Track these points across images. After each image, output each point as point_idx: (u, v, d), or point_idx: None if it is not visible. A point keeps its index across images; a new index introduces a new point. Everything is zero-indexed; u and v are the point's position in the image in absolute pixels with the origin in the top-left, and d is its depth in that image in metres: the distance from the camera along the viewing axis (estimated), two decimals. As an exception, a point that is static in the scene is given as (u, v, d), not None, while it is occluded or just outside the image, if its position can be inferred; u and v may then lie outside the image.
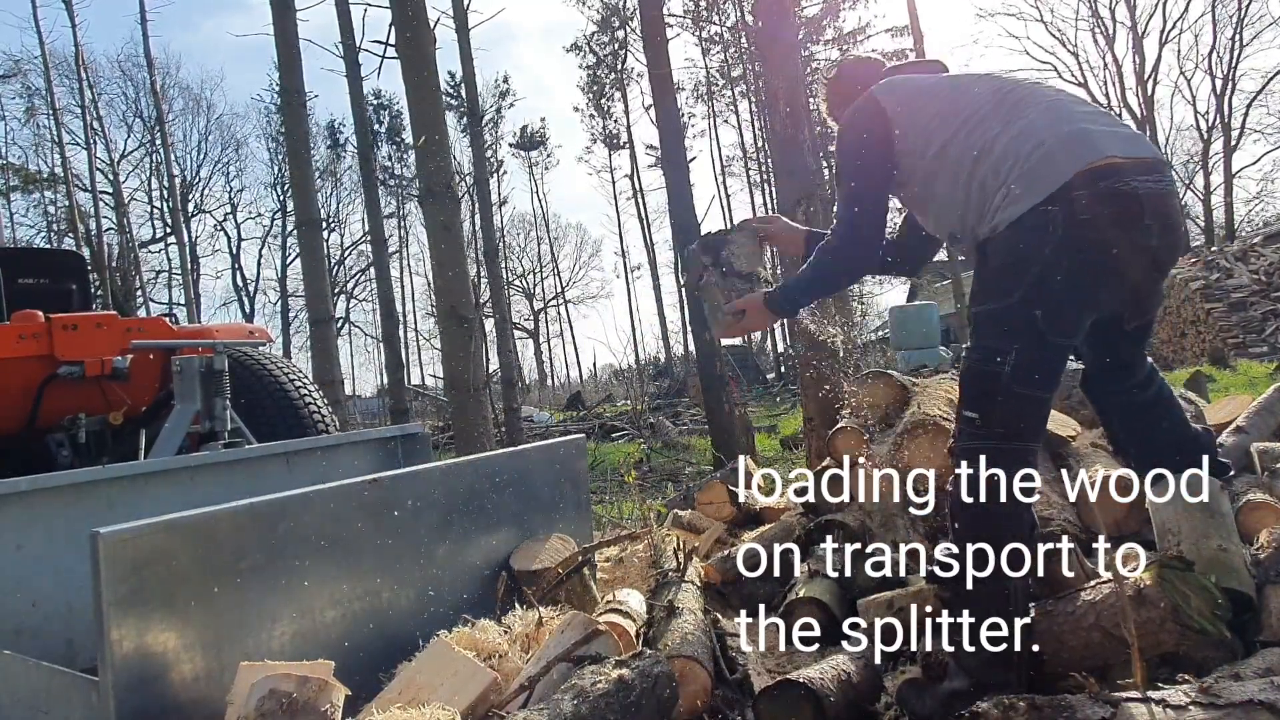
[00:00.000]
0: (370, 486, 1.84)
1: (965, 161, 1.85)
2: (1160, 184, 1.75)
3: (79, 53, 19.98)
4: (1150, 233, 1.72)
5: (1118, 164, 1.72)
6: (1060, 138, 1.77)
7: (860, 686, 1.79)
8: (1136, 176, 1.71)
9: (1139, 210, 1.70)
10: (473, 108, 12.83)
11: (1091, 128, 1.79)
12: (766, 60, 4.70)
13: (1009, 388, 1.72)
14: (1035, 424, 1.80)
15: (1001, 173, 1.78)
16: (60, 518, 2.15)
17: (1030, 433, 1.78)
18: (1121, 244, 1.71)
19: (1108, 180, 1.69)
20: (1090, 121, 1.82)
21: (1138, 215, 1.70)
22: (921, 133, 1.94)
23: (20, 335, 3.68)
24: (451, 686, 1.51)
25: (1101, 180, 1.69)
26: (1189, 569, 1.68)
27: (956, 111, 1.91)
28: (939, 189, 1.93)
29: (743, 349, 26.56)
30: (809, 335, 4.09)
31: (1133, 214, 1.70)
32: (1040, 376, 1.75)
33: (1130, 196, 1.70)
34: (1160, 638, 1.64)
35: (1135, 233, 1.71)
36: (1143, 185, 1.71)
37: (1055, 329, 1.73)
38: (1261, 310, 12.07)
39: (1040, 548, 1.73)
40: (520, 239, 36.91)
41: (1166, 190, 1.76)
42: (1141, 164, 1.74)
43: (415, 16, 5.22)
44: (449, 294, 5.22)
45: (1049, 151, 1.75)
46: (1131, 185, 1.70)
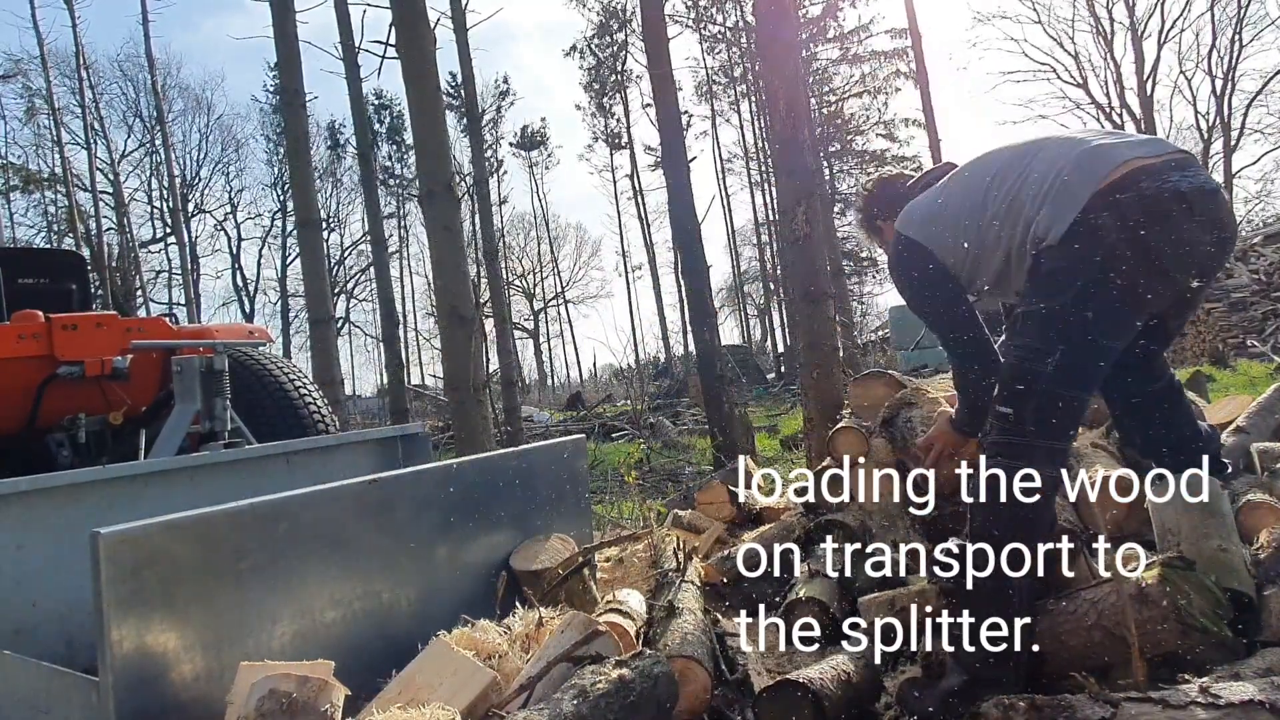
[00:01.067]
0: (370, 487, 1.84)
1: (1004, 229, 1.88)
2: (1200, 178, 1.74)
3: (80, 52, 19.99)
4: (1206, 227, 1.72)
5: (1150, 165, 1.72)
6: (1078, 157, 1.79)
7: (860, 686, 1.79)
8: (1174, 174, 1.71)
9: (1188, 206, 1.69)
10: (472, 108, 12.84)
11: (1106, 142, 1.81)
12: (766, 60, 4.69)
13: (1050, 388, 1.72)
14: (1069, 424, 1.79)
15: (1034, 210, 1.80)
16: (60, 518, 2.15)
17: (1062, 433, 1.77)
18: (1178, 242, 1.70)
19: (1148, 180, 1.69)
20: (1103, 138, 1.84)
21: (1188, 212, 1.70)
22: (957, 238, 1.99)
23: (20, 335, 3.68)
24: (451, 686, 1.51)
25: (1142, 181, 1.69)
26: (1190, 568, 1.68)
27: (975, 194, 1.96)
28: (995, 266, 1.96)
29: (743, 349, 26.58)
30: (808, 337, 4.09)
31: (1183, 211, 1.69)
32: (1083, 378, 1.75)
33: (1176, 194, 1.69)
34: (1161, 637, 1.64)
35: (1191, 228, 1.70)
36: (1184, 181, 1.71)
37: (1106, 332, 1.72)
38: (1261, 310, 12.07)
39: (1042, 547, 1.72)
40: (520, 239, 36.92)
41: (1209, 185, 1.75)
42: (1173, 161, 1.74)
43: (415, 16, 5.21)
44: (449, 294, 5.22)
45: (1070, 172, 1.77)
46: (1173, 181, 1.70)
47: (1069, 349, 1.71)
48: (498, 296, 13.37)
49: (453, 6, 11.47)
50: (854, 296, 28.96)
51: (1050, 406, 1.73)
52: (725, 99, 31.35)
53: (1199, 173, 1.75)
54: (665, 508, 4.13)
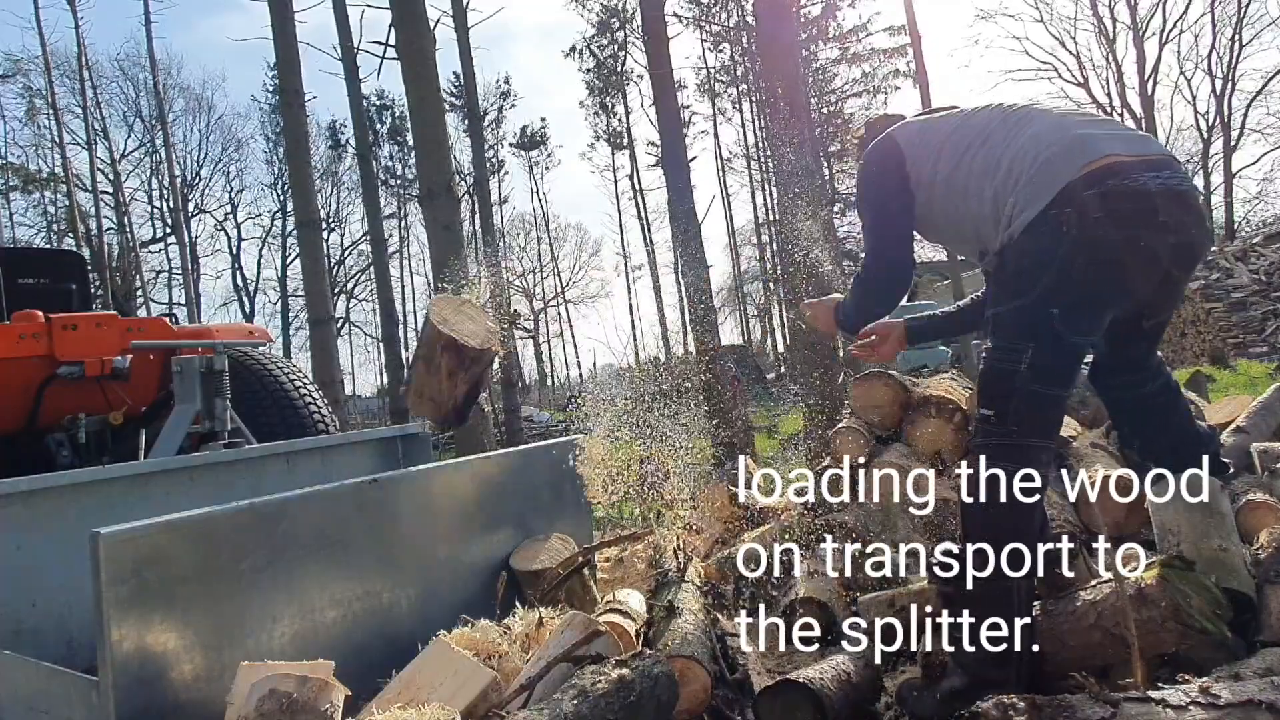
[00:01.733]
0: (370, 487, 1.84)
1: (975, 181, 1.88)
2: (1173, 180, 1.74)
3: (82, 52, 19.97)
4: (1167, 229, 1.72)
5: (1124, 162, 1.72)
6: (1062, 144, 1.78)
7: (860, 686, 1.79)
8: (1144, 173, 1.72)
9: (1152, 207, 1.70)
10: (473, 107, 12.84)
11: (1093, 132, 1.80)
12: (766, 59, 4.70)
13: (1026, 386, 1.73)
14: (1050, 423, 1.81)
15: (1009, 186, 1.81)
16: (60, 518, 2.15)
17: (1044, 431, 1.79)
18: (1137, 241, 1.71)
19: (1116, 178, 1.70)
20: (1092, 127, 1.84)
21: (1151, 212, 1.70)
22: (931, 160, 1.98)
23: (20, 335, 3.68)
24: (451, 686, 1.51)
25: (1110, 178, 1.70)
26: (1190, 568, 1.68)
27: (963, 137, 1.95)
28: (953, 213, 1.96)
29: (743, 348, 26.58)
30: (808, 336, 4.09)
31: (1146, 211, 1.70)
32: (1057, 375, 1.76)
33: (1141, 193, 1.70)
34: (1161, 637, 1.64)
35: (1150, 230, 1.71)
36: (1153, 181, 1.72)
37: (1073, 328, 1.74)
38: (1261, 310, 12.07)
39: (1042, 547, 1.73)
40: (520, 239, 36.90)
41: (1180, 186, 1.75)
42: (1148, 161, 1.75)
43: (415, 17, 5.22)
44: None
45: (1050, 158, 1.77)
46: (1141, 181, 1.71)
47: (1039, 347, 1.73)
48: (498, 296, 13.36)
49: (454, 6, 11.47)
50: (854, 297, 28.84)
51: (1030, 405, 1.75)
52: (726, 98, 31.36)
53: (1174, 175, 1.76)
54: (665, 508, 4.13)
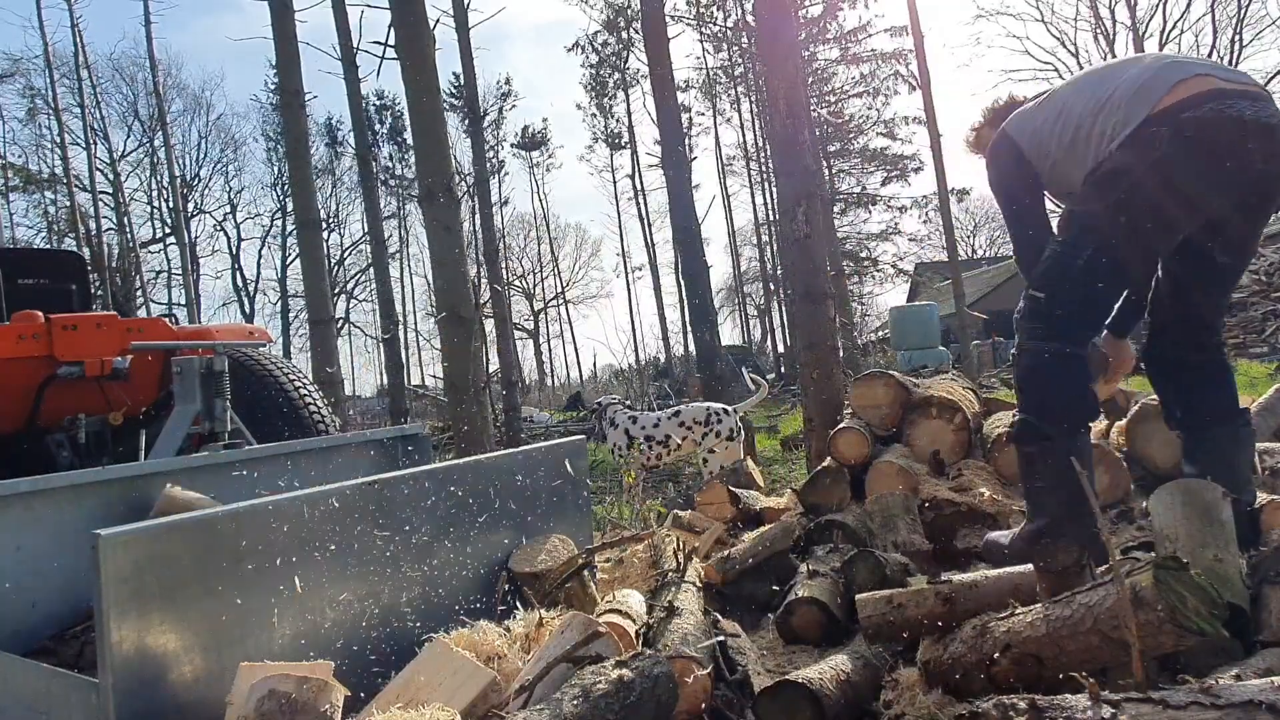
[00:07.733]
0: (370, 487, 1.84)
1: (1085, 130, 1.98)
2: (1265, 113, 1.79)
3: (81, 51, 19.96)
4: (1253, 156, 1.77)
5: (1220, 88, 1.78)
6: (1158, 67, 1.90)
7: (859, 686, 1.79)
8: (1240, 101, 1.77)
9: (1242, 135, 1.74)
10: (473, 108, 12.82)
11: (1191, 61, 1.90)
12: (766, 60, 4.69)
13: (1079, 278, 1.89)
14: (1095, 315, 2.00)
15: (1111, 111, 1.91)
16: (60, 518, 2.15)
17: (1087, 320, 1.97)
18: (1221, 164, 1.76)
19: (1213, 103, 1.76)
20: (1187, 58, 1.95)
21: (1240, 140, 1.75)
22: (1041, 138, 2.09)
23: (20, 335, 3.68)
24: (451, 687, 1.51)
25: (1209, 102, 1.76)
26: (1184, 569, 1.67)
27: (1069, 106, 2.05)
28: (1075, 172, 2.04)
29: (743, 349, 26.57)
30: (807, 336, 4.09)
31: (1235, 138, 1.75)
32: (1110, 276, 1.90)
33: (1235, 121, 1.74)
34: (1160, 640, 1.64)
35: (1237, 156, 1.76)
36: (1249, 110, 1.76)
37: (1136, 238, 1.84)
38: (1262, 310, 12.07)
39: (1089, 417, 1.94)
40: (520, 239, 36.91)
41: (1272, 121, 1.79)
42: (1246, 91, 1.80)
43: (414, 17, 5.21)
44: (449, 294, 5.22)
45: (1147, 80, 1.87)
46: (1238, 109, 1.75)
47: (1100, 248, 1.87)
48: (498, 296, 13.36)
49: (454, 6, 11.45)
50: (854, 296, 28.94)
51: (1079, 296, 1.91)
52: (726, 98, 31.33)
53: (1266, 108, 1.80)
54: (665, 508, 4.13)
